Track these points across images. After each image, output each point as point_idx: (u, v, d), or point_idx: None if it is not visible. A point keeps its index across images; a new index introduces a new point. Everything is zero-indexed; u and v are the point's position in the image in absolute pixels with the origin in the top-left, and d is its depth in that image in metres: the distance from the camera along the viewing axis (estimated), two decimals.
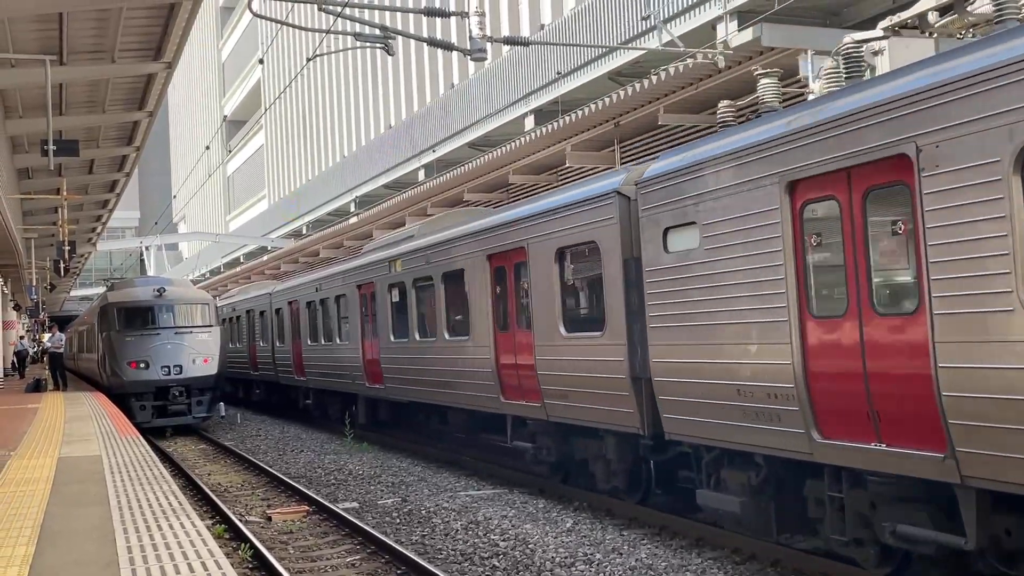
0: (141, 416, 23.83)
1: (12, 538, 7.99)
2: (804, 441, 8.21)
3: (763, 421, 8.65)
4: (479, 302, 14.28)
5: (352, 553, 10.89)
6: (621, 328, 10.74)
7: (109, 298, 25.97)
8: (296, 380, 25.25)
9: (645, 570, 9.48)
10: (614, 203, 10.84)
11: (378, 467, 17.13)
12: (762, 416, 8.64)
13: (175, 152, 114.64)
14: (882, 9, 18.98)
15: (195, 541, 7.68)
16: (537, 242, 12.55)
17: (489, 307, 14.00)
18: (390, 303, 18.19)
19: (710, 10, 19.86)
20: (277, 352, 26.96)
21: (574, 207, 11.69)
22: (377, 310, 18.81)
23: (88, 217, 37.95)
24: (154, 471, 11.63)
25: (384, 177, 41.92)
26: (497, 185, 27.18)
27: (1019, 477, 6.30)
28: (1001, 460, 6.42)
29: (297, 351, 24.81)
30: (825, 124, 7.82)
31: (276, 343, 27.09)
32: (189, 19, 16.66)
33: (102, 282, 52.30)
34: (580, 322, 11.95)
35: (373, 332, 19.14)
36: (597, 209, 11.16)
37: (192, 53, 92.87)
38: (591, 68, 24.77)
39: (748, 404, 8.79)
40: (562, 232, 11.97)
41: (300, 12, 52.36)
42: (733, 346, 8.94)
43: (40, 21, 16.41)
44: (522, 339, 13.08)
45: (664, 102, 19.33)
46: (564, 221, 11.90)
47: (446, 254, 15.50)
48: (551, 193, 12.99)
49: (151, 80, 20.22)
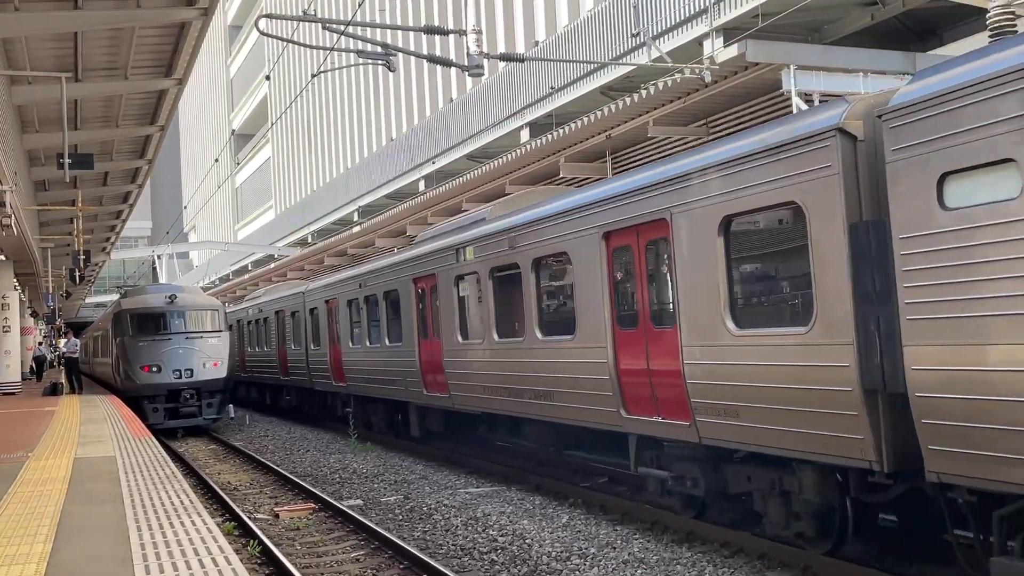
0: (154, 418, 24.26)
1: (30, 536, 8.02)
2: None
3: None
4: (589, 292, 11.52)
5: (356, 549, 11.01)
6: (846, 321, 7.76)
7: (123, 305, 26.36)
8: (334, 386, 23.06)
9: (637, 563, 9.53)
10: (835, 146, 7.80)
11: (381, 466, 17.27)
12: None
13: (186, 164, 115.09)
14: (860, 26, 19.66)
15: (206, 538, 7.71)
16: (688, 211, 9.63)
17: (606, 298, 11.22)
18: (457, 298, 15.59)
19: (697, 27, 20.12)
20: (312, 356, 24.83)
21: (754, 159, 8.73)
22: (440, 306, 16.15)
23: (102, 227, 37.98)
24: (166, 471, 11.71)
25: (386, 188, 42.26)
26: (494, 195, 27.66)
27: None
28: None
29: (336, 355, 22.76)
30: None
31: (311, 346, 24.88)
32: (199, 37, 16.87)
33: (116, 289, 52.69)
34: (763, 314, 9.00)
35: (435, 331, 16.50)
36: (801, 157, 8.16)
37: (202, 70, 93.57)
38: (584, 83, 24.98)
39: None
40: (732, 194, 9.01)
41: (305, 31, 53.05)
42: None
43: (56, 40, 16.67)
44: (659, 338, 10.30)
45: (653, 115, 19.65)
46: (736, 179, 8.94)
47: (539, 235, 12.75)
48: (699, 149, 10.00)
49: (163, 96, 20.45)
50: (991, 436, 6.46)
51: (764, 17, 17.58)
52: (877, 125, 7.55)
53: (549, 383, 12.55)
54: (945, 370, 6.76)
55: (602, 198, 11.18)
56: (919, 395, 6.96)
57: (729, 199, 9.06)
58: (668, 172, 9.98)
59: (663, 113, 19.54)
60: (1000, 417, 6.39)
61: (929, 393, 6.89)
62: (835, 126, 7.79)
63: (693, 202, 9.57)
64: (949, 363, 6.73)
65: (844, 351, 7.75)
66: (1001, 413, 6.37)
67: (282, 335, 27.85)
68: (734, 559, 9.59)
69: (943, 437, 6.84)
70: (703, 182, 9.42)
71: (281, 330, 28.01)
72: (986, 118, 6.45)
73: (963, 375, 6.63)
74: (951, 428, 6.76)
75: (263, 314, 30.31)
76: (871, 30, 19.68)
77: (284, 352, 27.72)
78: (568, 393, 12.08)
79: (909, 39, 20.35)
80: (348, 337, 21.44)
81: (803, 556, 8.99)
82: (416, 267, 17.17)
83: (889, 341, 7.32)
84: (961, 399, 6.66)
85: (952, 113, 6.70)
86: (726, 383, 9.15)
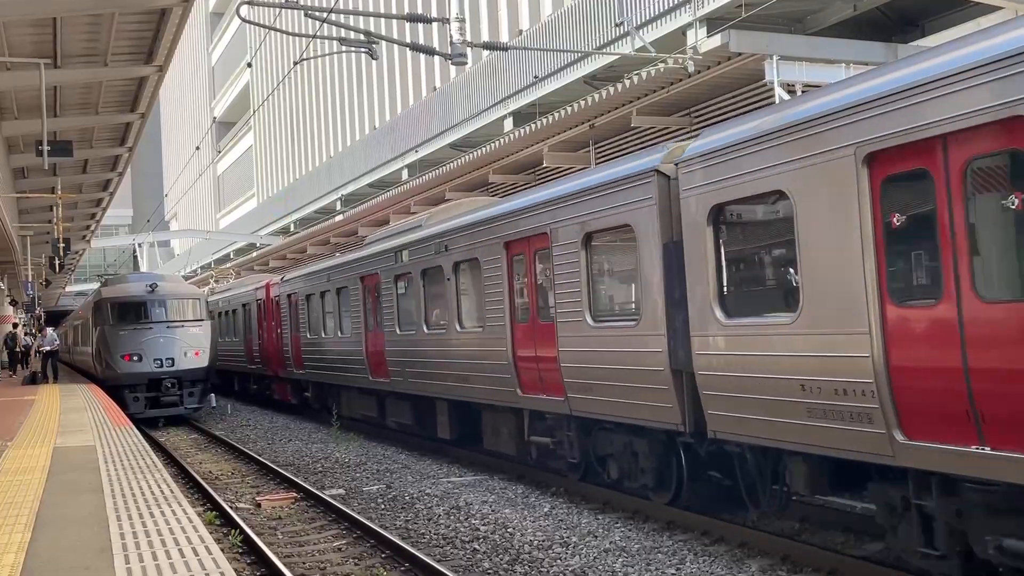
0: (134, 407, 24.24)
1: (8, 525, 8.00)
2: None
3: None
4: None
5: (339, 538, 11.07)
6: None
7: (103, 293, 26.31)
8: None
9: (619, 552, 9.62)
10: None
11: (363, 455, 17.34)
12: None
13: (167, 152, 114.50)
14: (843, 17, 19.71)
15: (186, 527, 7.72)
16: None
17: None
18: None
19: (680, 17, 20.16)
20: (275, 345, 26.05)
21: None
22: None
23: (82, 215, 37.85)
24: (147, 460, 11.69)
25: (369, 176, 42.18)
26: (477, 184, 27.70)
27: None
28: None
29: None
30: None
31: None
32: (179, 24, 16.75)
33: (96, 278, 52.44)
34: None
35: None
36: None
37: (183, 57, 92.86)
38: (567, 72, 24.99)
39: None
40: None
41: (287, 18, 52.77)
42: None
43: (35, 25, 16.47)
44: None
45: (637, 105, 19.79)
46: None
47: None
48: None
49: (143, 83, 20.32)
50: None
51: (747, 7, 17.65)
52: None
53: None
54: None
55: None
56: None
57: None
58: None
59: (646, 103, 19.69)
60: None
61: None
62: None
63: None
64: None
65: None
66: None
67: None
68: (715, 547, 9.68)
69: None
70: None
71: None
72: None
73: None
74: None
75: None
76: (854, 21, 19.74)
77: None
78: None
79: (891, 30, 20.42)
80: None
81: (782, 544, 9.17)
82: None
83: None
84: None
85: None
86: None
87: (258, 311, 28.30)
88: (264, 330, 27.45)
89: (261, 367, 28.29)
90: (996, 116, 6.27)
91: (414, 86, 42.53)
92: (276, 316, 26.15)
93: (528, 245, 12.66)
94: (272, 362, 26.76)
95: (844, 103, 7.43)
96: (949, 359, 6.65)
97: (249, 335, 29.36)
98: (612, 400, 10.91)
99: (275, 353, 26.21)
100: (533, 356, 12.54)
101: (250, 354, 29.47)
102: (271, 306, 26.79)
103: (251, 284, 30.49)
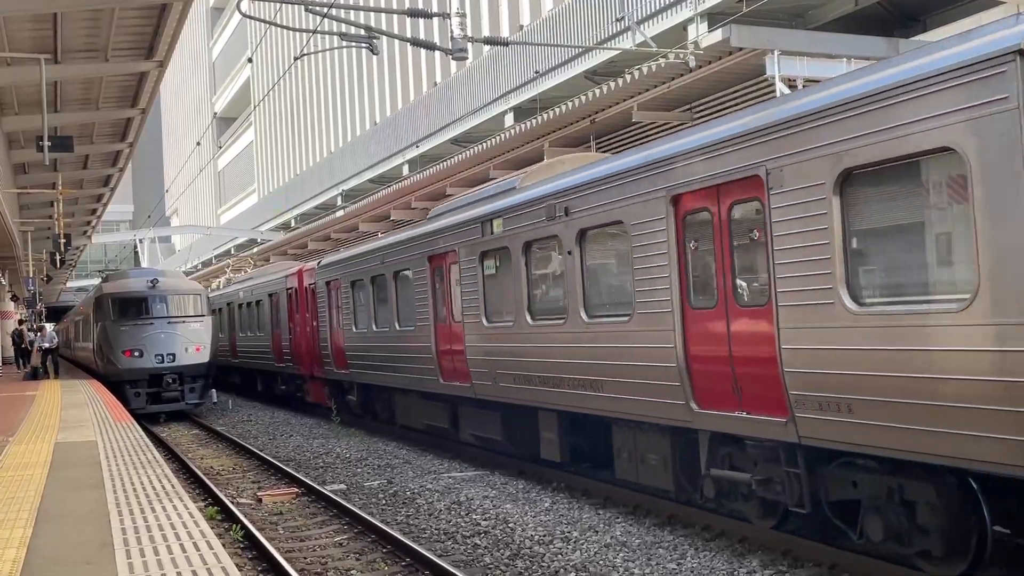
0: (135, 403, 24.27)
1: (10, 520, 8.02)
2: None
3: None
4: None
5: (340, 533, 11.07)
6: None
7: (104, 289, 26.30)
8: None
9: (620, 547, 9.62)
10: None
11: (364, 451, 17.32)
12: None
13: (167, 148, 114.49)
14: (844, 12, 19.70)
15: (188, 523, 7.72)
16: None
17: None
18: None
19: (681, 12, 20.19)
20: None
21: None
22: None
23: (83, 211, 37.88)
24: (148, 455, 11.71)
25: (369, 172, 42.21)
26: (479, 180, 27.65)
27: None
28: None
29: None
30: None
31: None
32: (180, 19, 16.76)
33: (97, 274, 52.46)
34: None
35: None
36: None
37: (183, 52, 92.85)
38: (568, 67, 25.06)
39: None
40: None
41: (288, 13, 52.76)
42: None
43: (35, 21, 16.50)
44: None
45: (638, 99, 19.72)
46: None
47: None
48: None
49: (143, 78, 20.33)
50: None
51: (748, 2, 17.63)
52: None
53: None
54: None
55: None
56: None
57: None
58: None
59: (647, 98, 19.63)
60: None
61: None
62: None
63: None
64: None
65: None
66: None
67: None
68: (715, 542, 9.68)
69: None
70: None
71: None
72: None
73: None
74: None
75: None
76: (855, 16, 19.75)
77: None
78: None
79: (892, 25, 20.40)
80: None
81: (783, 539, 9.12)
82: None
83: None
84: None
85: None
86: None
87: (288, 302, 24.95)
88: (296, 324, 24.21)
89: (292, 366, 24.81)
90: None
91: (415, 81, 42.55)
92: (312, 307, 22.67)
93: (717, 197, 9.00)
94: (306, 360, 23.50)
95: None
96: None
97: (277, 330, 26.04)
98: (891, 427, 7.25)
99: (310, 350, 23.01)
100: (723, 356, 9.01)
101: (278, 351, 26.12)
102: (305, 296, 23.48)
103: (278, 271, 27.05)
